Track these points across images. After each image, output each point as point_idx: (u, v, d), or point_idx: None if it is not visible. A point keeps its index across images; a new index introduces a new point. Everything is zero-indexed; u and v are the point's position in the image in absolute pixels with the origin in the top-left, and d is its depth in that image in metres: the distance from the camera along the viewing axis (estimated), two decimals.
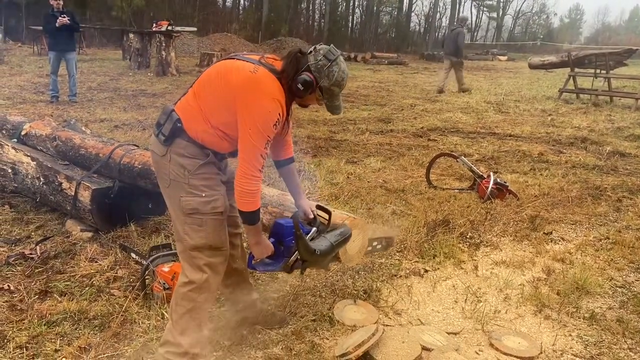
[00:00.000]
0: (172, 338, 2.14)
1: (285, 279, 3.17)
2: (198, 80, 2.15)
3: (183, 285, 2.15)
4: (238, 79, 1.98)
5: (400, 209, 4.41)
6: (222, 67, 2.08)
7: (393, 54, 33.50)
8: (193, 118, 2.08)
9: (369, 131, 7.77)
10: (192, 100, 2.10)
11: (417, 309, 2.90)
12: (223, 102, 2.01)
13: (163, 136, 2.09)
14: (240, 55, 2.13)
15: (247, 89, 1.96)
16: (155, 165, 2.21)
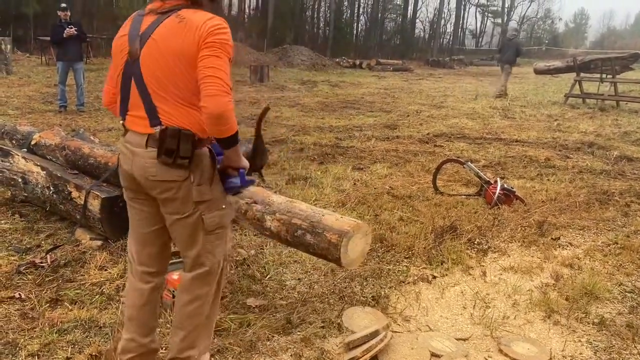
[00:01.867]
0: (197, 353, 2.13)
1: (293, 286, 3.19)
2: (147, 85, 1.87)
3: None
4: (197, 24, 1.81)
5: (407, 215, 4.41)
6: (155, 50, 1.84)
7: (398, 60, 33.57)
8: (187, 116, 1.87)
9: (375, 137, 7.80)
10: (165, 104, 1.86)
11: (426, 315, 2.90)
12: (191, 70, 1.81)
13: (184, 159, 1.86)
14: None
15: (208, 29, 1.81)
16: (172, 195, 1.93)
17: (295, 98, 12.63)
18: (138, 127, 1.91)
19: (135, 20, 1.94)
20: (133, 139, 1.92)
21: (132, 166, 1.93)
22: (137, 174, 1.93)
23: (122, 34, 1.94)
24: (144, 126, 1.89)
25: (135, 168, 1.93)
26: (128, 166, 1.95)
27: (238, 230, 3.81)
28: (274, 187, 4.98)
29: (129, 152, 1.94)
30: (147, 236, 2.10)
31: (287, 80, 17.87)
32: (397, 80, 20.82)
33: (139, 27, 1.90)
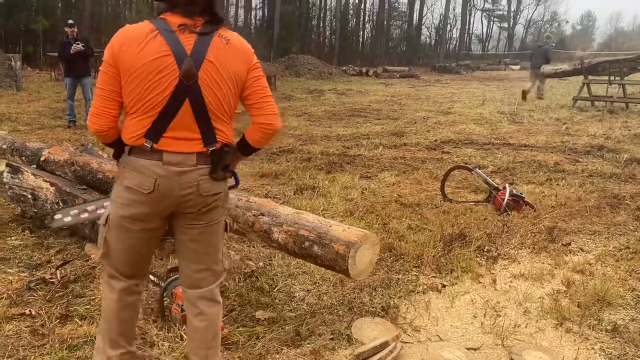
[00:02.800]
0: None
1: (302, 297, 3.18)
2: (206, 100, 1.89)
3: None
4: (240, 47, 1.95)
5: (416, 223, 4.39)
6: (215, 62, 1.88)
7: (404, 67, 33.60)
8: (231, 132, 2.00)
9: (382, 145, 7.79)
10: (220, 124, 1.95)
11: (436, 324, 2.88)
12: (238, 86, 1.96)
13: (231, 172, 2.02)
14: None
15: (250, 50, 1.98)
16: (216, 205, 2.01)
17: (302, 107, 12.67)
18: (182, 147, 1.89)
19: (169, 38, 1.83)
20: (176, 159, 1.88)
21: (176, 185, 1.90)
22: (181, 190, 1.91)
23: (162, 53, 1.81)
24: (191, 146, 1.90)
25: (182, 187, 1.91)
26: (171, 188, 1.90)
27: (246, 242, 3.81)
28: (281, 198, 4.99)
29: (170, 173, 1.88)
30: (142, 257, 2.11)
31: (294, 89, 17.93)
32: (403, 87, 20.82)
33: (182, 47, 1.83)
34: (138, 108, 1.87)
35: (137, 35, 1.83)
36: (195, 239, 2.04)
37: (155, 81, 1.83)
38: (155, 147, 1.87)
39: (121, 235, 2.00)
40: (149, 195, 1.90)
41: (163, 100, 1.84)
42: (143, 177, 1.89)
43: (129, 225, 1.97)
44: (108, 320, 2.13)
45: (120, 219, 1.97)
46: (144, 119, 1.87)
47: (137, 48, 1.82)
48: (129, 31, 1.87)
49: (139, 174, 1.90)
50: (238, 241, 3.87)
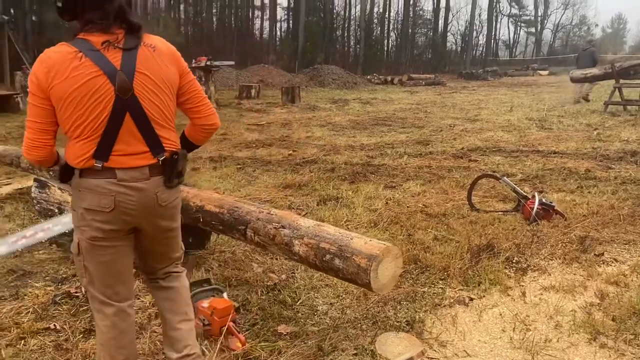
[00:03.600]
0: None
1: (325, 311, 3.12)
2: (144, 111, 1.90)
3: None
4: (167, 51, 1.97)
5: (442, 234, 4.30)
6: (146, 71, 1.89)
7: (430, 74, 33.40)
8: (177, 138, 2.07)
9: (407, 154, 7.70)
10: (165, 132, 1.97)
11: (463, 339, 2.79)
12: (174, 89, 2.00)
13: (182, 176, 2.08)
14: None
15: (177, 53, 2.03)
16: (175, 211, 2.13)
17: (326, 117, 12.66)
18: (133, 162, 1.90)
19: (95, 57, 1.81)
20: (129, 175, 1.90)
21: (138, 201, 1.92)
22: (145, 206, 1.94)
23: (93, 74, 1.80)
24: (141, 159, 1.92)
25: (142, 202, 1.93)
26: (130, 203, 1.91)
27: (269, 254, 3.78)
28: (304, 209, 4.95)
29: (128, 189, 1.90)
30: (125, 269, 2.08)
31: (319, 99, 17.95)
32: (429, 95, 20.65)
33: (111, 64, 1.82)
34: (80, 132, 1.85)
35: (62, 61, 1.79)
36: (161, 244, 2.15)
37: (92, 103, 1.81)
38: (106, 166, 1.87)
39: (96, 257, 1.99)
40: (110, 214, 1.90)
41: (104, 120, 1.83)
42: (101, 196, 1.89)
43: (100, 244, 1.96)
44: (107, 349, 2.07)
45: (91, 242, 1.96)
46: (88, 141, 1.86)
47: (64, 73, 1.79)
48: (50, 57, 1.81)
49: (96, 195, 1.89)
50: (261, 254, 3.84)
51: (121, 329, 2.07)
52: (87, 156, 1.87)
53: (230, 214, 3.14)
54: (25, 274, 3.63)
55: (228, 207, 3.20)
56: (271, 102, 16.59)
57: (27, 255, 3.96)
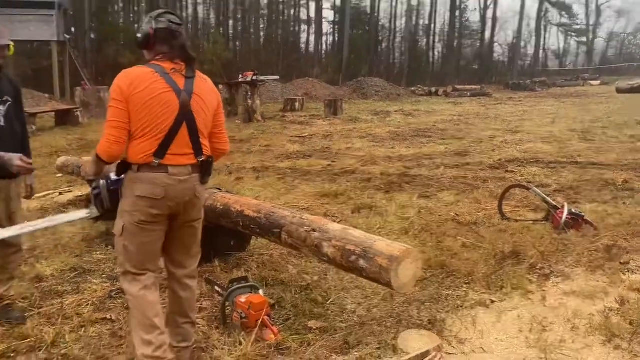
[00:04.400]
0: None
1: (354, 310, 3.36)
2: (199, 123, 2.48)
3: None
4: (211, 85, 2.60)
5: (471, 241, 4.46)
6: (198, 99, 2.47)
7: (476, 85, 33.11)
8: (208, 146, 2.59)
9: (444, 165, 7.85)
10: (205, 140, 2.52)
11: (481, 338, 2.96)
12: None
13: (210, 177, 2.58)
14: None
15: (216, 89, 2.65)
16: (200, 205, 2.62)
17: (367, 129, 12.90)
18: (181, 160, 2.43)
19: (167, 78, 2.37)
20: (178, 171, 2.41)
21: (180, 191, 2.42)
22: (183, 195, 2.44)
23: (165, 90, 2.35)
24: (187, 159, 2.44)
25: (184, 192, 2.44)
26: (177, 193, 2.41)
27: (303, 257, 4.05)
28: (339, 217, 5.20)
29: (174, 181, 2.40)
30: (157, 250, 2.55)
31: (361, 112, 18.22)
32: (473, 106, 20.57)
33: (177, 85, 2.39)
34: (147, 132, 2.36)
35: (143, 76, 2.35)
36: (190, 234, 2.61)
37: (161, 111, 2.35)
38: (161, 163, 2.38)
39: (139, 237, 2.45)
40: (160, 201, 2.39)
41: (167, 126, 2.37)
42: (155, 186, 2.38)
43: (144, 227, 2.43)
44: (141, 311, 2.49)
45: (137, 224, 2.42)
46: (152, 141, 2.37)
47: (144, 85, 2.33)
48: (133, 72, 2.38)
49: (151, 185, 2.38)
50: (296, 257, 4.11)
51: (147, 298, 2.51)
52: (149, 154, 2.36)
53: (267, 219, 3.44)
54: (85, 271, 4.03)
55: (265, 212, 3.50)
56: (314, 114, 16.97)
57: (87, 255, 4.38)
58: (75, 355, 2.80)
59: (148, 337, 2.44)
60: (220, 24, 42.14)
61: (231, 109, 16.11)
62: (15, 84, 3.20)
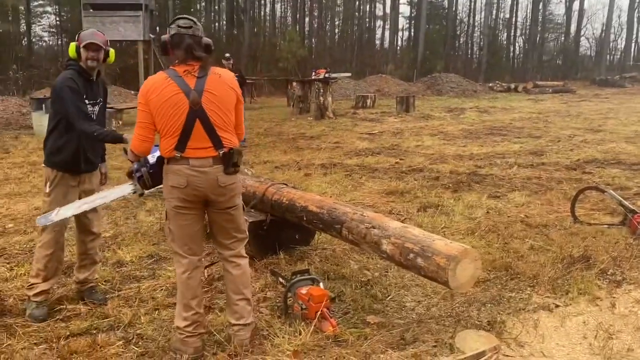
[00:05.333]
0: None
1: (412, 307, 3.39)
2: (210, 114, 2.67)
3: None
4: (230, 79, 2.78)
5: (539, 244, 4.35)
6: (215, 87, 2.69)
7: (559, 81, 31.59)
8: (235, 139, 2.80)
9: (517, 165, 7.62)
10: (225, 133, 2.71)
11: (542, 342, 2.91)
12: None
13: (238, 167, 2.76)
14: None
15: (236, 83, 2.83)
16: (233, 193, 2.80)
17: (439, 126, 12.70)
18: (201, 153, 2.66)
19: (178, 81, 2.63)
20: (198, 163, 2.65)
21: (202, 181, 2.65)
22: (207, 184, 2.67)
23: (175, 92, 2.61)
24: (207, 152, 2.66)
25: (206, 182, 2.66)
26: (198, 182, 2.65)
27: (365, 253, 4.11)
28: (404, 215, 5.22)
29: (196, 172, 2.64)
30: (196, 232, 2.83)
31: (434, 108, 17.93)
32: (554, 103, 19.67)
33: (188, 86, 2.63)
34: (167, 131, 2.65)
35: (158, 83, 2.65)
36: (224, 219, 2.84)
37: (173, 112, 2.61)
38: (183, 156, 2.64)
39: (177, 220, 2.76)
40: (184, 189, 2.66)
41: (181, 123, 2.62)
42: (179, 177, 2.66)
43: (179, 211, 2.72)
44: (181, 290, 2.81)
45: (174, 209, 2.74)
46: (171, 138, 2.64)
47: (158, 91, 2.62)
48: (150, 81, 2.70)
49: (176, 175, 2.66)
50: (358, 253, 4.19)
51: (191, 276, 2.80)
52: (171, 148, 2.65)
53: (329, 214, 3.55)
54: (161, 259, 4.31)
55: (327, 207, 3.60)
56: (385, 111, 16.90)
57: (163, 243, 4.67)
58: (149, 335, 3.03)
59: (185, 314, 2.79)
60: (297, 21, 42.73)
61: (303, 106, 16.38)
62: (106, 86, 3.55)
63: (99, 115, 3.37)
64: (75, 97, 3.13)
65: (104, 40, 3.25)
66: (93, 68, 3.25)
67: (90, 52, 3.18)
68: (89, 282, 3.48)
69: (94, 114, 3.28)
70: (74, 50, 3.21)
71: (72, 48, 3.21)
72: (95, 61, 3.21)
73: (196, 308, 2.81)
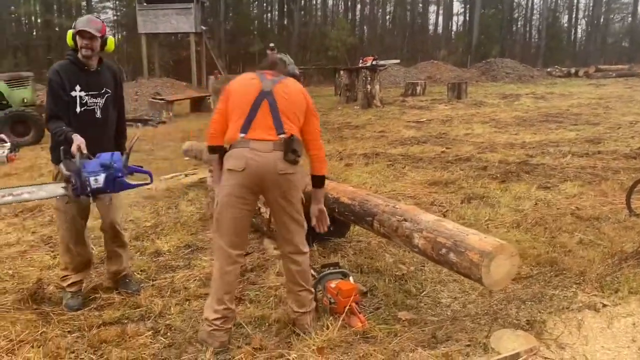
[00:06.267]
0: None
1: (448, 304, 3.25)
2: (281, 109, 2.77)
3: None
4: (299, 87, 2.90)
5: (589, 238, 4.09)
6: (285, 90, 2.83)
7: (624, 65, 29.91)
8: (298, 130, 2.80)
9: (571, 153, 7.21)
10: (287, 122, 2.74)
11: (585, 344, 2.72)
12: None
13: (299, 157, 2.71)
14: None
15: (305, 91, 2.94)
16: (291, 184, 2.73)
17: (491, 114, 12.25)
18: (263, 136, 2.67)
19: (261, 77, 2.84)
20: (259, 145, 2.66)
21: (260, 165, 2.63)
22: (266, 170, 2.64)
23: (252, 78, 2.85)
24: (269, 136, 2.68)
25: (265, 166, 2.64)
26: (257, 166, 2.63)
27: (402, 247, 3.99)
28: (446, 206, 5.04)
29: (256, 155, 2.64)
30: (243, 227, 2.79)
31: (487, 95, 17.35)
32: (617, 88, 18.62)
33: (266, 80, 2.82)
34: (235, 113, 2.76)
35: (243, 78, 2.91)
36: (283, 212, 2.79)
37: (245, 91, 2.79)
38: (245, 138, 2.67)
39: (227, 210, 2.72)
40: (242, 173, 2.64)
41: (249, 103, 2.73)
42: (238, 160, 2.66)
43: (231, 200, 2.69)
44: (217, 283, 2.78)
45: (225, 197, 2.70)
46: (239, 119, 2.73)
47: (240, 79, 2.91)
48: (238, 77, 2.96)
49: (235, 159, 2.67)
50: (394, 246, 4.06)
51: (229, 270, 2.77)
52: (236, 130, 2.71)
53: (360, 206, 3.44)
54: (198, 249, 4.34)
55: (359, 199, 3.50)
56: (436, 98, 16.50)
57: (201, 233, 4.71)
58: (177, 326, 3.04)
59: (216, 307, 2.76)
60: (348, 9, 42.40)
61: (350, 95, 16.22)
62: (117, 74, 3.32)
63: (106, 106, 3.19)
64: (53, 93, 3.01)
65: (99, 28, 3.04)
66: (88, 57, 3.06)
67: (84, 40, 3.00)
68: (120, 273, 3.53)
69: (97, 106, 3.14)
70: (70, 38, 3.05)
71: (69, 36, 3.06)
72: (90, 50, 3.03)
73: (228, 303, 2.78)
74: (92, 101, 3.11)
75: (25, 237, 4.62)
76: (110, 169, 2.74)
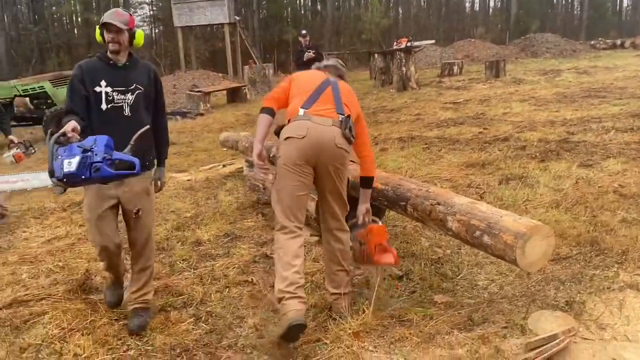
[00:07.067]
0: None
1: (485, 286, 3.24)
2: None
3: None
4: (354, 97, 3.18)
5: (633, 216, 3.97)
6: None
7: None
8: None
9: (615, 129, 6.96)
10: (345, 105, 3.02)
11: (627, 324, 2.66)
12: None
13: (353, 136, 2.92)
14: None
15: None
16: (343, 161, 2.92)
17: (531, 91, 11.91)
18: (324, 113, 2.91)
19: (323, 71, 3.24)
20: (320, 120, 2.87)
21: (320, 133, 2.82)
22: (325, 140, 2.82)
23: (317, 71, 3.25)
24: (329, 113, 2.92)
25: (324, 137, 2.82)
26: (315, 134, 2.82)
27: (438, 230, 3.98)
28: (483, 188, 4.98)
29: (318, 126, 2.84)
30: (300, 199, 2.89)
31: (526, 72, 16.85)
32: None
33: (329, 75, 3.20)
34: (298, 92, 3.02)
35: (308, 71, 3.31)
36: (332, 187, 2.94)
37: (310, 79, 3.12)
38: (307, 112, 2.89)
39: (285, 180, 2.86)
40: (302, 140, 2.81)
41: (314, 86, 3.02)
42: (299, 128, 2.85)
43: (289, 169, 2.83)
44: (282, 253, 2.81)
45: (284, 166, 2.85)
46: (301, 96, 2.98)
47: (305, 72, 3.28)
48: (305, 70, 3.36)
49: (295, 128, 2.86)
50: (430, 230, 4.05)
51: (289, 243, 2.83)
52: (297, 106, 2.95)
53: (393, 191, 3.45)
54: (237, 237, 4.45)
55: (392, 184, 3.51)
56: (473, 77, 16.15)
57: (240, 222, 4.81)
58: (218, 312, 3.15)
59: (285, 273, 2.74)
60: None
61: (386, 78, 16.06)
62: (152, 73, 3.09)
63: (137, 103, 2.95)
64: (72, 87, 2.88)
65: (125, 20, 2.86)
66: (116, 52, 2.90)
67: (110, 34, 2.84)
68: (135, 299, 3.17)
69: (125, 102, 2.91)
70: (98, 34, 2.91)
71: (97, 31, 2.91)
72: (117, 44, 2.86)
73: (296, 266, 2.73)
74: (119, 97, 2.90)
75: (74, 230, 4.82)
76: (87, 152, 2.36)
